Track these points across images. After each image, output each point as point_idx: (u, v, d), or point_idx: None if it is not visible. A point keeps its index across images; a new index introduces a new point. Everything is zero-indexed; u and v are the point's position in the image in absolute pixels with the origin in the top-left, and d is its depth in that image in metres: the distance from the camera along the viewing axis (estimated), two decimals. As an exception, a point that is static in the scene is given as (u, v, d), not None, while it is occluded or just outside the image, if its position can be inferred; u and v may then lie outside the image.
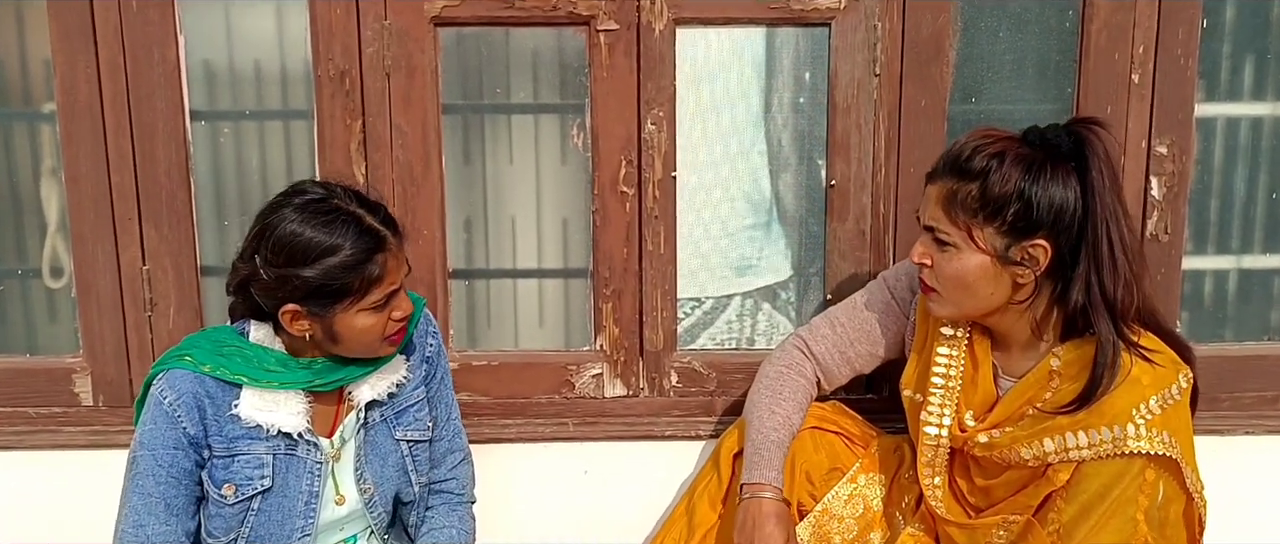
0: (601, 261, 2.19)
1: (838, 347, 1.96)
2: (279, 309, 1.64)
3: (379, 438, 1.81)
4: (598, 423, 2.24)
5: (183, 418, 1.65)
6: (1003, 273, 1.66)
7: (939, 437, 1.81)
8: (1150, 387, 1.63)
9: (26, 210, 2.22)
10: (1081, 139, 1.61)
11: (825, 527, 1.91)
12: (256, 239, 1.63)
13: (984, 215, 1.63)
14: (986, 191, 1.61)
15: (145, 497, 1.66)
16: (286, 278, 1.60)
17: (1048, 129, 1.65)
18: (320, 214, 1.61)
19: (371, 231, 1.62)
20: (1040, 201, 1.60)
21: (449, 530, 1.89)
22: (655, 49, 2.09)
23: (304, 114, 2.17)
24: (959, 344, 1.79)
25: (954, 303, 1.71)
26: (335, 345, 1.68)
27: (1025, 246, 1.63)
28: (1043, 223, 1.61)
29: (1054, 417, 1.67)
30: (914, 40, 2.10)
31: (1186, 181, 2.17)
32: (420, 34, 2.07)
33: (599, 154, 2.14)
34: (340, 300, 1.62)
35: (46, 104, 2.15)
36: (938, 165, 1.69)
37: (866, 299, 1.97)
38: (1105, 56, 2.11)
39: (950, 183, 1.65)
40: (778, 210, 2.26)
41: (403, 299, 1.70)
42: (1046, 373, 1.71)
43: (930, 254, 1.70)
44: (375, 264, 1.62)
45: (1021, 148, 1.63)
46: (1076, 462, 1.66)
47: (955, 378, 1.80)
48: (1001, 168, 1.61)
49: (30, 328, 2.30)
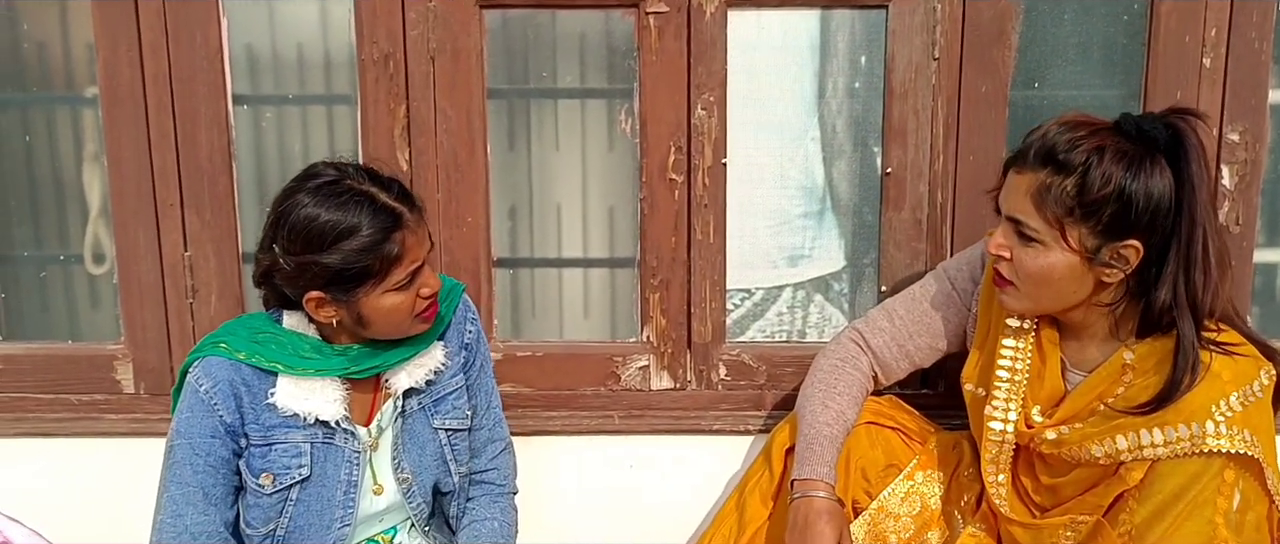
0: (649, 251, 2.15)
1: (896, 339, 1.90)
2: (304, 297, 1.62)
3: (417, 426, 1.78)
4: (644, 416, 2.21)
5: (219, 406, 1.64)
6: (1089, 272, 1.59)
7: (1004, 433, 1.75)
8: (1231, 382, 1.56)
9: (69, 196, 2.22)
10: (1179, 133, 1.54)
11: (881, 525, 1.86)
12: (273, 228, 1.61)
13: (1080, 213, 1.55)
14: (1085, 189, 1.54)
15: (183, 486, 1.65)
16: (306, 265, 1.58)
17: (1143, 119, 1.57)
18: (334, 196, 1.58)
19: (387, 209, 1.59)
20: (1139, 202, 1.52)
21: (491, 523, 1.86)
22: (706, 32, 2.04)
23: (347, 98, 2.15)
24: (1026, 336, 1.73)
25: (1031, 298, 1.65)
26: (365, 329, 1.66)
27: (1117, 247, 1.56)
28: (1139, 224, 1.54)
29: (1126, 416, 1.60)
30: (975, 23, 2.04)
31: (1260, 170, 2.10)
32: (465, 16, 2.04)
33: (647, 140, 2.10)
34: (363, 283, 1.60)
35: (89, 88, 2.15)
36: (1026, 152, 1.60)
37: (925, 291, 1.92)
38: (1175, 39, 2.04)
39: (1043, 175, 1.57)
40: (831, 198, 2.22)
41: (429, 275, 1.67)
42: (1119, 367, 1.64)
43: (1011, 246, 1.63)
44: (393, 243, 1.59)
45: (1120, 141, 1.55)
46: (1151, 460, 1.60)
47: (1022, 372, 1.74)
48: (1102, 164, 1.53)
49: (72, 314, 2.30)
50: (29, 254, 2.24)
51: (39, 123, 2.19)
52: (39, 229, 2.24)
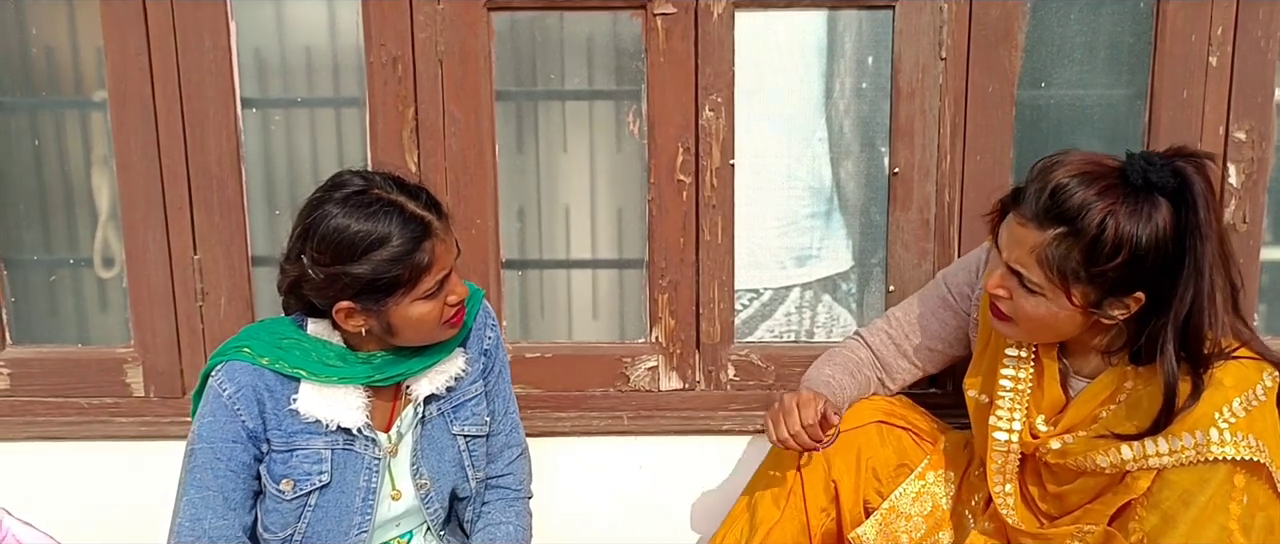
0: (657, 252, 2.15)
1: (893, 339, 1.94)
2: (333, 307, 1.61)
3: (436, 432, 1.78)
4: (653, 417, 2.21)
5: (242, 411, 1.63)
6: (1088, 318, 1.59)
7: (1009, 443, 1.75)
8: (1233, 388, 1.56)
9: (78, 200, 2.22)
10: (1186, 180, 1.49)
11: (892, 525, 1.86)
12: (301, 239, 1.60)
13: (1087, 277, 1.52)
14: (1094, 256, 1.50)
15: (203, 490, 1.64)
16: (336, 276, 1.57)
17: (1149, 168, 1.51)
18: (363, 207, 1.57)
19: (416, 219, 1.58)
20: (1148, 261, 1.50)
21: (506, 527, 1.86)
22: (713, 33, 2.04)
23: (356, 101, 2.14)
24: (1028, 345, 1.73)
25: (1027, 334, 1.67)
26: (394, 337, 1.66)
27: (1122, 298, 1.55)
28: (1145, 281, 1.52)
29: (1132, 417, 1.60)
30: (981, 22, 2.04)
31: (1266, 169, 2.09)
32: (474, 19, 2.04)
33: (655, 141, 2.10)
34: (393, 292, 1.59)
35: (98, 92, 2.14)
36: (1030, 202, 1.54)
37: (923, 296, 1.95)
38: (1181, 38, 2.04)
39: (1049, 235, 1.53)
40: (839, 199, 2.21)
41: (456, 282, 1.67)
42: (1121, 372, 1.64)
43: (1010, 289, 1.61)
44: (423, 252, 1.58)
45: (1129, 198, 1.50)
46: (1157, 470, 1.59)
47: (1025, 380, 1.73)
48: (1114, 231, 1.48)
49: (82, 318, 2.29)
50: (38, 258, 2.24)
51: (48, 127, 2.19)
52: (48, 233, 2.23)
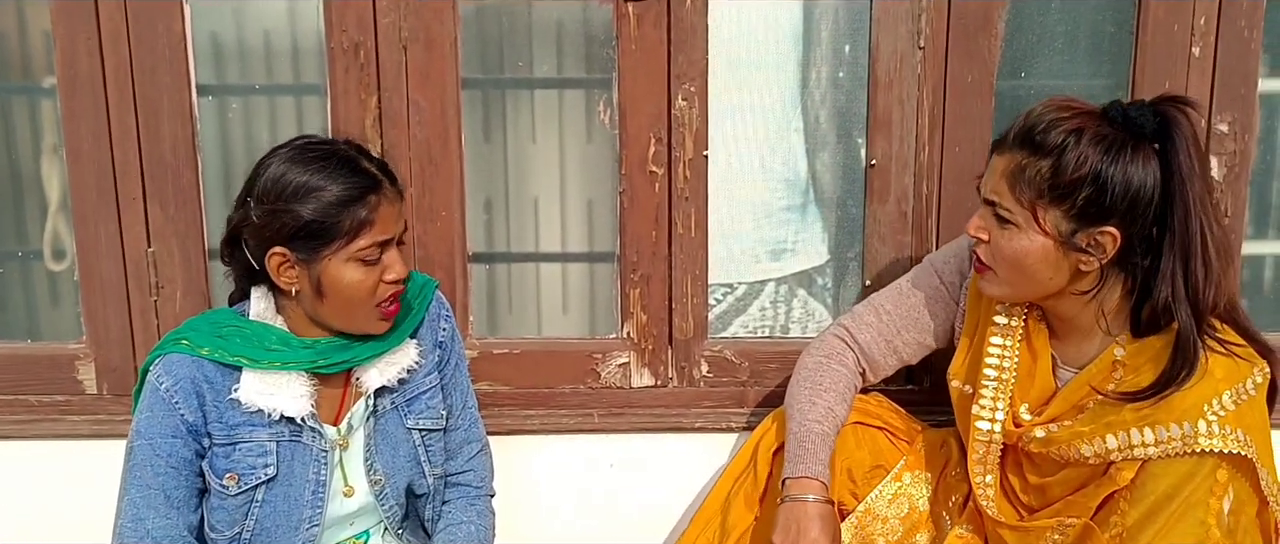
0: (629, 245, 2.11)
1: (883, 335, 1.87)
2: (267, 254, 1.59)
3: (390, 427, 1.75)
4: (624, 414, 2.18)
5: (181, 404, 1.60)
6: (1065, 258, 1.57)
7: (991, 432, 1.73)
8: (1223, 381, 1.53)
9: (27, 190, 2.17)
10: (1168, 120, 1.51)
11: (868, 528, 1.83)
12: (249, 183, 1.62)
13: (1052, 196, 1.53)
14: (1059, 171, 1.52)
15: (144, 488, 1.60)
16: (276, 213, 1.57)
17: (1131, 106, 1.54)
18: (317, 158, 1.59)
19: (366, 172, 1.60)
20: (1116, 187, 1.50)
21: (467, 526, 1.83)
22: (686, 20, 2.01)
23: (316, 89, 2.10)
24: (1014, 334, 1.70)
25: (1009, 283, 1.63)
26: (322, 303, 1.62)
27: (1093, 234, 1.53)
28: (1115, 210, 1.51)
29: (1120, 406, 1.57)
30: (960, 11, 2.02)
31: (1249, 161, 2.08)
32: (439, 4, 2.00)
33: (627, 132, 2.06)
34: (330, 242, 1.57)
35: (47, 78, 2.09)
36: (1007, 134, 1.59)
37: (913, 284, 1.89)
38: (1164, 28, 2.02)
39: (1019, 156, 1.55)
40: (815, 191, 2.19)
41: (397, 261, 1.64)
42: (1109, 363, 1.61)
43: (988, 229, 1.62)
44: (366, 205, 1.58)
45: (1102, 125, 1.53)
46: (1141, 460, 1.57)
47: (1010, 369, 1.71)
48: (1078, 146, 1.51)
49: (31, 313, 2.25)
50: (-14, 250, 2.19)
51: (-5, 113, 2.14)
52: (-4, 224, 2.18)
